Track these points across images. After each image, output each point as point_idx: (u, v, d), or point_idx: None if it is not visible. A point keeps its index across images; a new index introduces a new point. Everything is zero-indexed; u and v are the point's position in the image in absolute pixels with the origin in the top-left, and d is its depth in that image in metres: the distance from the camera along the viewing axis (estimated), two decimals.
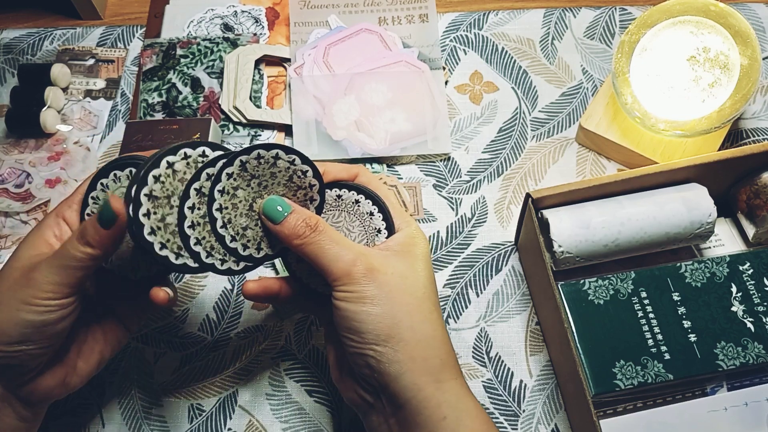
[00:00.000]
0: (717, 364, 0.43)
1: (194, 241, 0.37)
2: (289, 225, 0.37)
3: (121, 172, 0.40)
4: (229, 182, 0.38)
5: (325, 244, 0.37)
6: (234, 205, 0.38)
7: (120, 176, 0.40)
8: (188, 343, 0.51)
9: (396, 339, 0.36)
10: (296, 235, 0.37)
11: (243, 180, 0.38)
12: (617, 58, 0.52)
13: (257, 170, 0.38)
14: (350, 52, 0.60)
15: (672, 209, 0.46)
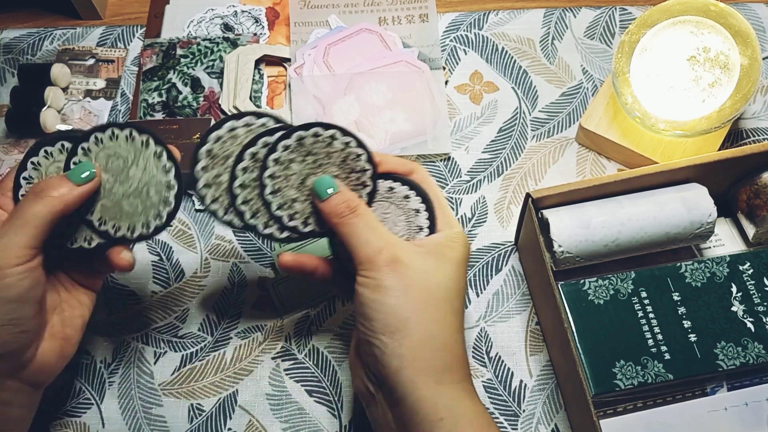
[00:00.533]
0: (717, 364, 0.43)
1: (241, 200, 0.40)
2: (332, 203, 0.39)
3: (52, 147, 0.41)
4: (284, 153, 0.40)
5: (359, 228, 0.38)
6: (286, 176, 0.40)
7: (51, 151, 0.41)
8: (188, 343, 0.51)
9: (403, 333, 0.35)
10: (336, 214, 0.38)
11: (299, 154, 0.40)
12: (617, 58, 0.52)
13: (313, 147, 0.40)
14: (350, 52, 0.60)
15: (672, 209, 0.46)
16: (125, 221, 0.40)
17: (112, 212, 0.40)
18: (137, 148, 0.40)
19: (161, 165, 0.40)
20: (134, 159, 0.40)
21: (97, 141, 0.40)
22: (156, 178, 0.40)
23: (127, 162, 0.40)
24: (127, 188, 0.40)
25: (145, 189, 0.40)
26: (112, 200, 0.40)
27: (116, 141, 0.40)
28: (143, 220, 0.40)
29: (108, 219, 0.40)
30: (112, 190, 0.40)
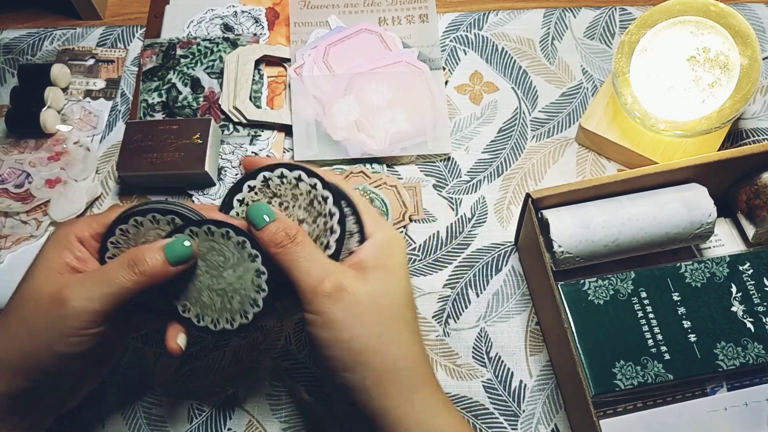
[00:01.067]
0: (717, 364, 0.43)
1: None
2: (269, 231, 0.37)
3: (143, 217, 0.39)
4: (250, 195, 0.39)
5: (299, 257, 0.36)
6: None
7: (142, 221, 0.39)
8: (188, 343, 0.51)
9: (363, 366, 0.35)
10: (274, 243, 0.37)
11: (264, 195, 0.39)
12: (617, 58, 0.52)
13: (279, 189, 0.39)
14: (350, 52, 0.60)
15: (672, 209, 0.46)
16: (197, 310, 0.40)
17: (190, 296, 0.39)
18: (242, 257, 0.39)
19: (257, 283, 0.39)
20: (235, 264, 0.39)
21: (208, 233, 0.39)
22: (246, 292, 0.39)
23: (227, 263, 0.39)
24: (215, 284, 0.39)
25: (231, 294, 0.39)
26: (196, 287, 0.39)
27: (225, 242, 0.39)
28: (215, 318, 0.40)
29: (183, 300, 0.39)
30: (200, 277, 0.39)
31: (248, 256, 0.38)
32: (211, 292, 0.39)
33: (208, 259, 0.39)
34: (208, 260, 0.39)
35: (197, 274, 0.39)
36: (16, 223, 0.55)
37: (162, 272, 0.36)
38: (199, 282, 0.39)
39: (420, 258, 0.54)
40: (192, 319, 0.40)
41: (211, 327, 0.40)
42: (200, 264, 0.39)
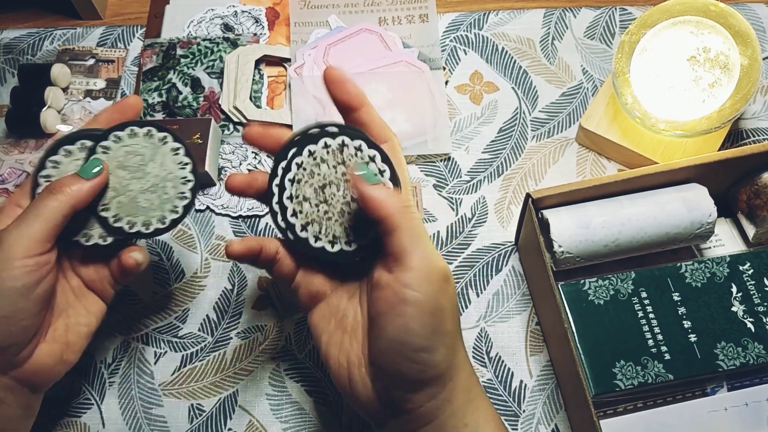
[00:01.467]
0: (717, 365, 0.43)
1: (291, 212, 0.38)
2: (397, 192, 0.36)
3: (72, 145, 0.41)
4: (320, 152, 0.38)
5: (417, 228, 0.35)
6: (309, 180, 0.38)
7: (71, 150, 0.41)
8: (188, 343, 0.51)
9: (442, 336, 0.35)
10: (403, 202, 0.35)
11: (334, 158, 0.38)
12: (617, 58, 0.52)
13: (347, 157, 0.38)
14: (350, 52, 0.60)
15: (672, 209, 0.46)
16: (141, 217, 0.41)
17: (128, 209, 0.41)
18: (155, 146, 0.41)
19: (178, 161, 0.41)
20: (152, 156, 0.41)
21: (117, 139, 0.41)
22: (173, 173, 0.41)
23: (144, 159, 0.41)
24: (144, 184, 0.41)
25: (162, 185, 0.41)
26: (129, 197, 0.41)
27: (135, 138, 0.41)
28: (159, 215, 0.41)
29: (123, 215, 0.41)
30: (129, 186, 0.41)
31: (159, 140, 0.41)
32: (145, 194, 0.41)
33: (128, 166, 0.41)
34: (129, 167, 0.41)
35: (125, 185, 0.40)
36: None
37: (81, 189, 0.38)
38: (130, 192, 0.41)
39: None
40: (142, 231, 0.41)
41: (159, 226, 0.41)
42: (123, 174, 0.40)
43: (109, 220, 0.41)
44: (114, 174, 0.41)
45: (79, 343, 0.42)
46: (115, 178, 0.41)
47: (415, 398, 0.35)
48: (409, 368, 0.34)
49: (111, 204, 0.41)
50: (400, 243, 0.34)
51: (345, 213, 0.38)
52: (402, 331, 0.33)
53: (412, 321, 0.33)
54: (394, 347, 0.34)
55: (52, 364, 0.40)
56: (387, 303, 0.34)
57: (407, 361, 0.34)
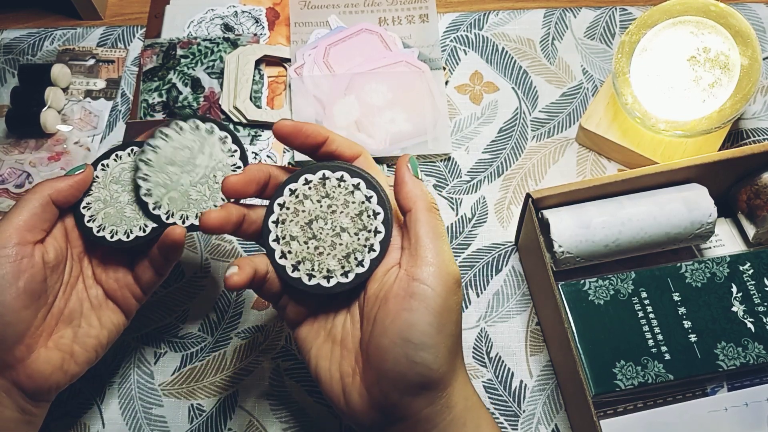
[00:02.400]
0: (717, 365, 0.43)
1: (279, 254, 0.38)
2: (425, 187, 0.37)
3: (122, 151, 0.43)
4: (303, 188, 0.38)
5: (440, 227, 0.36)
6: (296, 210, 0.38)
7: (120, 155, 0.43)
8: (188, 343, 0.51)
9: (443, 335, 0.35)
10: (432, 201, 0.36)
11: (317, 192, 0.38)
12: (617, 58, 0.52)
13: (333, 191, 0.38)
14: (350, 52, 0.60)
15: (672, 209, 0.46)
16: (193, 209, 0.41)
17: (180, 203, 0.41)
18: (202, 137, 0.42)
19: (227, 149, 0.42)
20: (200, 147, 0.41)
21: (164, 136, 0.41)
22: (222, 162, 0.42)
23: (193, 151, 0.41)
24: (195, 177, 0.41)
25: (212, 175, 0.42)
26: (181, 191, 0.41)
27: (182, 133, 0.42)
28: (211, 205, 0.42)
29: (176, 211, 0.41)
30: (180, 181, 0.41)
31: (206, 131, 0.41)
32: (196, 187, 0.41)
33: (177, 161, 0.41)
34: (177, 162, 0.41)
35: (175, 180, 0.41)
36: None
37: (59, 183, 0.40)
38: (181, 187, 0.41)
39: None
40: (195, 223, 0.41)
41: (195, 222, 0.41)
42: (174, 170, 0.41)
43: (162, 218, 0.41)
44: (163, 171, 0.41)
45: (85, 355, 0.41)
46: (164, 175, 0.41)
47: (414, 403, 0.34)
48: (409, 368, 0.33)
49: (162, 201, 0.41)
50: (418, 236, 0.35)
51: (336, 245, 0.37)
52: (407, 326, 0.33)
53: (419, 316, 0.33)
54: (396, 344, 0.33)
55: (49, 371, 0.39)
56: (394, 297, 0.34)
57: (408, 361, 0.33)
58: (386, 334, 0.34)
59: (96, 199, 0.42)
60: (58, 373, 0.39)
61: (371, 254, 0.37)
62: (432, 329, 0.33)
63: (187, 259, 0.54)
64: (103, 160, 0.43)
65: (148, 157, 0.41)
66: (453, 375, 0.35)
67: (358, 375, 0.36)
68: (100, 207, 0.42)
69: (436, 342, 0.34)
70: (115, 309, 0.43)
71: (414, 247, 0.35)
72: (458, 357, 0.36)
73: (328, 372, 0.37)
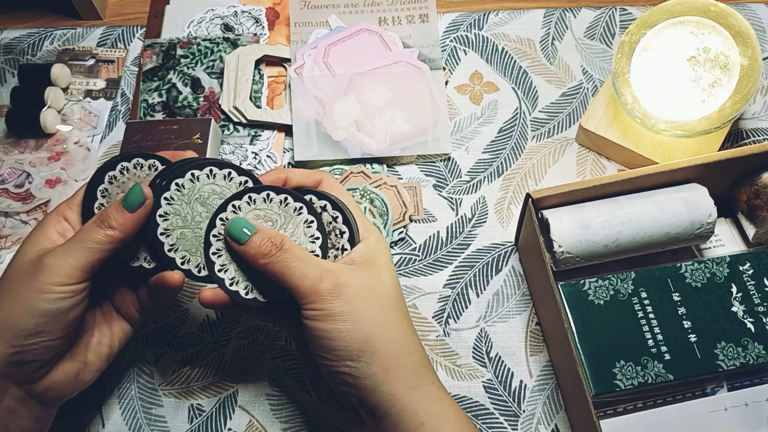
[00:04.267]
0: (717, 365, 0.43)
1: (218, 267, 0.40)
2: (254, 245, 0.37)
3: (128, 162, 0.41)
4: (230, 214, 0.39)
5: (290, 262, 0.37)
6: None
7: (127, 167, 0.41)
8: (188, 343, 0.51)
9: (369, 353, 0.36)
10: (262, 254, 0.37)
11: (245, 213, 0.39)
12: (617, 58, 0.52)
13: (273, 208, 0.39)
14: (350, 52, 0.60)
15: (672, 209, 0.46)
16: (198, 257, 0.40)
17: (189, 244, 0.40)
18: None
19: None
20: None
21: (193, 178, 0.40)
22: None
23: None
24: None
25: None
26: (195, 233, 0.40)
27: (214, 179, 0.40)
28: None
29: (181, 249, 0.40)
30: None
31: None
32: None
33: (208, 203, 0.40)
34: (208, 205, 0.40)
35: (197, 221, 0.40)
36: (17, 223, 0.55)
37: (126, 221, 0.38)
38: (199, 229, 0.40)
39: (420, 258, 0.54)
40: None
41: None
42: (200, 210, 0.40)
43: (165, 248, 0.40)
44: (190, 206, 0.40)
45: (98, 364, 0.42)
46: (190, 211, 0.40)
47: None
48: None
49: (173, 233, 0.40)
50: (290, 286, 0.37)
51: None
52: None
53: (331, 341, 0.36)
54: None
55: (66, 382, 0.40)
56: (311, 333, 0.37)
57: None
58: None
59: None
60: (74, 383, 0.41)
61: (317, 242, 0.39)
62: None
63: None
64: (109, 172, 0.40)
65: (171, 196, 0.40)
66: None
67: None
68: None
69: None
70: (121, 320, 0.44)
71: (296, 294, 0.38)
72: None
73: None
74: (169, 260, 0.40)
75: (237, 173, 0.40)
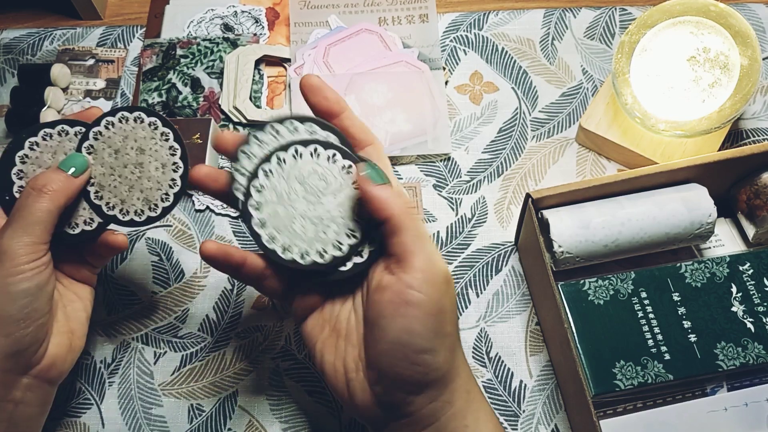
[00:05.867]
0: (717, 365, 0.43)
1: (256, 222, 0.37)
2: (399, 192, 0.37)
3: (52, 129, 0.41)
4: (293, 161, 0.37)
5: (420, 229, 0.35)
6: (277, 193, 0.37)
7: (51, 133, 0.41)
8: (188, 343, 0.51)
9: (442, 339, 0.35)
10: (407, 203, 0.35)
11: None
12: (617, 58, 0.52)
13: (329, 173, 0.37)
14: (350, 52, 0.60)
15: (672, 209, 0.46)
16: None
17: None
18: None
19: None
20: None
21: (108, 125, 0.41)
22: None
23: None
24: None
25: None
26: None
27: (125, 124, 0.41)
28: (149, 204, 0.41)
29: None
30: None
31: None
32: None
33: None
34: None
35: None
36: None
37: (69, 186, 0.39)
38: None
39: None
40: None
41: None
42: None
43: (103, 209, 0.41)
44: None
45: (81, 329, 0.43)
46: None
47: (417, 401, 0.35)
48: (411, 370, 0.34)
49: (103, 192, 0.41)
50: (403, 244, 0.34)
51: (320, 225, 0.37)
52: (404, 333, 0.33)
53: (416, 322, 0.33)
54: (395, 349, 0.34)
55: (64, 354, 0.41)
56: (390, 304, 0.34)
57: (409, 363, 0.34)
58: (385, 339, 0.34)
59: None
60: (70, 353, 0.41)
61: (350, 240, 0.37)
62: (430, 333, 0.34)
63: (187, 259, 0.54)
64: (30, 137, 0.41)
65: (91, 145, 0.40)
66: (454, 372, 0.35)
67: (362, 371, 0.36)
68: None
69: (434, 345, 0.34)
70: (80, 283, 0.44)
71: (401, 254, 0.35)
72: (458, 353, 0.36)
73: (332, 366, 0.38)
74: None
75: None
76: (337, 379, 0.37)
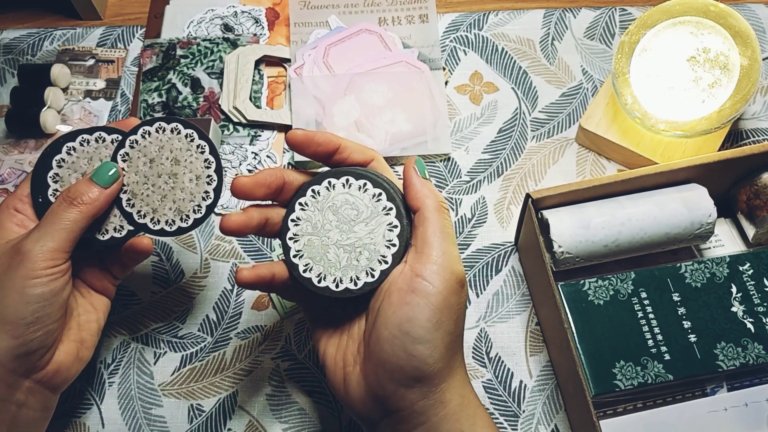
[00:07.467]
0: (717, 365, 0.43)
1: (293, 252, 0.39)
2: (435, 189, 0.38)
3: (90, 135, 0.42)
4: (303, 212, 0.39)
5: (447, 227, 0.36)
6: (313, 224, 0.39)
7: (88, 139, 0.42)
8: (188, 343, 0.51)
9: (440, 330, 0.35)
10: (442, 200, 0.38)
11: None
12: (617, 58, 0.52)
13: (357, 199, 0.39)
14: (350, 52, 0.60)
15: (672, 209, 0.46)
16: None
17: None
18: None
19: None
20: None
21: (145, 134, 0.41)
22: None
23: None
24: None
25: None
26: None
27: (162, 134, 0.41)
28: (181, 215, 0.41)
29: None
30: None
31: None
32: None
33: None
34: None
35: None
36: None
37: (98, 198, 0.39)
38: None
39: None
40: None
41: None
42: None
43: (134, 217, 0.41)
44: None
45: (92, 340, 0.43)
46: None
47: (408, 395, 0.35)
48: (405, 361, 0.34)
49: (135, 201, 0.41)
50: (425, 235, 0.36)
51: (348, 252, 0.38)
52: (405, 320, 0.34)
53: (418, 311, 0.34)
54: (395, 337, 0.34)
55: (70, 362, 0.41)
56: (398, 292, 0.35)
57: (405, 353, 0.34)
58: (387, 325, 0.35)
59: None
60: (76, 362, 0.42)
61: (382, 266, 0.37)
62: (430, 324, 0.34)
63: (187, 259, 0.54)
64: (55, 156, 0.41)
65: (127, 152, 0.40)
66: (449, 372, 0.36)
67: (359, 364, 0.37)
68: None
69: (433, 337, 0.34)
70: (98, 294, 0.45)
71: (421, 245, 0.36)
72: (456, 355, 0.37)
73: (333, 359, 0.39)
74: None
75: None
76: (336, 372, 0.38)
